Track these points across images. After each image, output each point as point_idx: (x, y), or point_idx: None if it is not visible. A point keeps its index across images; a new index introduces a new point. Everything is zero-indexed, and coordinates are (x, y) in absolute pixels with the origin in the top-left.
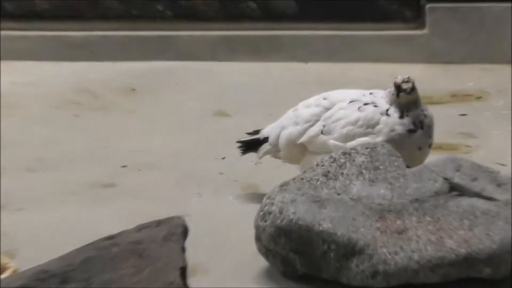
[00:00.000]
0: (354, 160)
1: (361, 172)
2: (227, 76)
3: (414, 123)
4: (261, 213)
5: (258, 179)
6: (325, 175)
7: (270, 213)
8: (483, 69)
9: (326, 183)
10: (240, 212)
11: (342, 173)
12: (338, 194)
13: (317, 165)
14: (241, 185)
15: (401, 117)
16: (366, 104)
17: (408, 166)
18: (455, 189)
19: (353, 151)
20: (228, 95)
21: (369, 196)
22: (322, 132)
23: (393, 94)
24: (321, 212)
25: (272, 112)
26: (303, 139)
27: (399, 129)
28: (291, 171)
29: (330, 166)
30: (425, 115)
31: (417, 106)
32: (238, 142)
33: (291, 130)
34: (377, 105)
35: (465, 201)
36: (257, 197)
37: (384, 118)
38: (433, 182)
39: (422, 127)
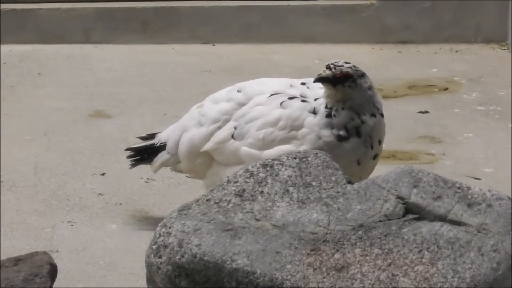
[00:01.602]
0: (277, 175)
1: (288, 190)
2: (105, 64)
3: (345, 127)
4: (154, 247)
5: (150, 202)
6: (239, 195)
7: (166, 246)
8: (450, 50)
9: (241, 205)
10: (126, 246)
11: (262, 192)
12: (257, 220)
13: (228, 181)
14: (127, 209)
15: (328, 115)
16: (291, 98)
17: (350, 182)
18: (412, 211)
19: (276, 162)
20: (107, 90)
21: (298, 222)
22: (233, 136)
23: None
24: (235, 245)
25: (167, 111)
26: (208, 146)
27: (325, 133)
28: (193, 189)
29: (246, 182)
30: (363, 121)
31: (357, 105)
32: (128, 149)
33: (193, 133)
34: (307, 99)
35: (425, 227)
36: (149, 225)
37: (310, 118)
38: (383, 203)
39: (358, 134)
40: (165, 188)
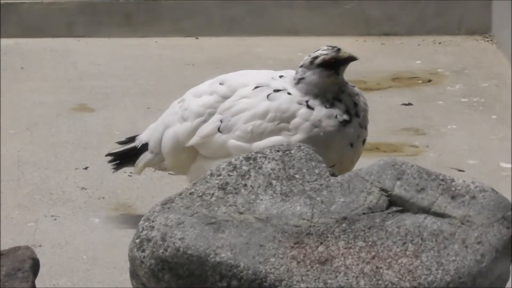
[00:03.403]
0: (260, 168)
1: (271, 183)
2: (89, 58)
3: (347, 110)
4: (138, 241)
5: (133, 196)
6: (223, 188)
7: (149, 240)
8: (433, 42)
9: (224, 198)
10: (110, 240)
11: (245, 185)
12: (240, 213)
13: (211, 174)
14: (110, 203)
15: (332, 105)
16: (277, 90)
17: (333, 174)
18: (396, 204)
19: (259, 155)
20: (90, 83)
21: (281, 215)
22: (219, 130)
23: (329, 75)
24: (218, 238)
25: (150, 104)
26: (193, 141)
27: (329, 123)
28: (176, 183)
29: (229, 175)
30: (358, 94)
31: (346, 85)
32: (108, 155)
33: (176, 129)
34: (291, 92)
35: (409, 219)
36: (132, 219)
37: (303, 110)
38: (366, 195)
39: (357, 114)
40: (148, 182)
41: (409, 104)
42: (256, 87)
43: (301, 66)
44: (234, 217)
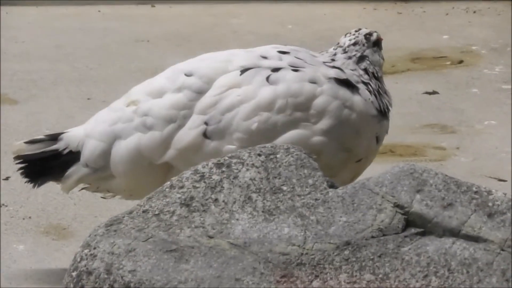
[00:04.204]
0: (236, 177)
1: (250, 198)
2: (10, 33)
3: (382, 101)
4: (75, 274)
5: (68, 215)
6: (186, 204)
7: (90, 273)
8: (466, 11)
9: (188, 218)
10: (38, 273)
11: (216, 200)
12: (210, 237)
13: (172, 186)
14: (38, 225)
15: (379, 91)
16: (276, 69)
17: (332, 185)
18: (415, 224)
19: (234, 160)
20: (12, 67)
21: (264, 240)
22: (205, 135)
23: (374, 51)
24: (181, 270)
25: (91, 94)
26: (169, 155)
27: (366, 106)
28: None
29: (195, 188)
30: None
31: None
32: (17, 157)
33: (136, 142)
34: (300, 67)
35: (432, 245)
36: (68, 245)
37: (327, 85)
38: (376, 213)
39: (388, 107)
40: (89, 196)
41: (434, 92)
42: (244, 70)
43: (355, 44)
44: (201, 243)
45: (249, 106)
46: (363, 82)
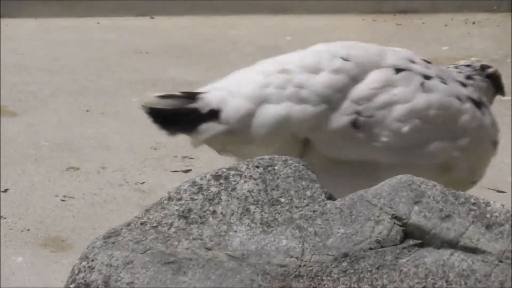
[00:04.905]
0: (234, 189)
1: (248, 210)
2: (9, 45)
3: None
4: (73, 286)
5: (67, 227)
6: (184, 216)
7: (88, 285)
8: (465, 22)
9: (186, 230)
10: (37, 285)
11: (214, 212)
12: (208, 249)
13: (170, 198)
14: (37, 237)
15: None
16: (428, 77)
17: (330, 197)
18: (413, 236)
19: (232, 172)
20: (11, 79)
21: (262, 252)
22: (355, 125)
23: (494, 93)
24: (179, 282)
25: (90, 105)
26: (318, 133)
27: (492, 129)
28: (124, 209)
29: (193, 200)
30: None
31: None
32: (150, 109)
33: (287, 110)
34: (445, 80)
35: (430, 256)
36: (66, 257)
37: (468, 105)
38: (374, 224)
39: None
40: (88, 208)
41: None
42: (398, 70)
43: (468, 66)
44: (199, 255)
45: (404, 108)
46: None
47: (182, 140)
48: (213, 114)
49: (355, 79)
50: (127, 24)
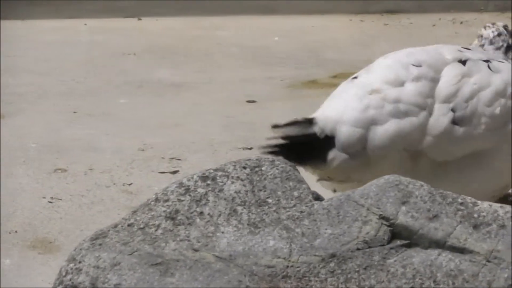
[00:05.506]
0: (221, 190)
1: (235, 211)
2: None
3: None
4: None
5: (55, 228)
6: (171, 217)
7: (75, 287)
8: (453, 22)
9: (174, 231)
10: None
11: (202, 214)
12: (195, 250)
13: (157, 200)
14: (25, 239)
15: None
16: (487, 61)
17: (318, 198)
18: (400, 236)
19: (219, 173)
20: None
21: (249, 253)
22: (455, 122)
23: None
24: (166, 283)
25: (78, 107)
26: (428, 141)
27: None
28: (111, 211)
29: (180, 201)
30: None
31: None
32: (282, 137)
33: (397, 127)
34: (499, 59)
35: (418, 257)
36: (54, 259)
37: None
38: (362, 225)
39: None
40: (75, 209)
41: None
42: (462, 61)
43: (499, 35)
44: (186, 256)
45: (488, 92)
46: None
47: (169, 141)
48: (330, 141)
49: (434, 80)
50: (114, 26)
